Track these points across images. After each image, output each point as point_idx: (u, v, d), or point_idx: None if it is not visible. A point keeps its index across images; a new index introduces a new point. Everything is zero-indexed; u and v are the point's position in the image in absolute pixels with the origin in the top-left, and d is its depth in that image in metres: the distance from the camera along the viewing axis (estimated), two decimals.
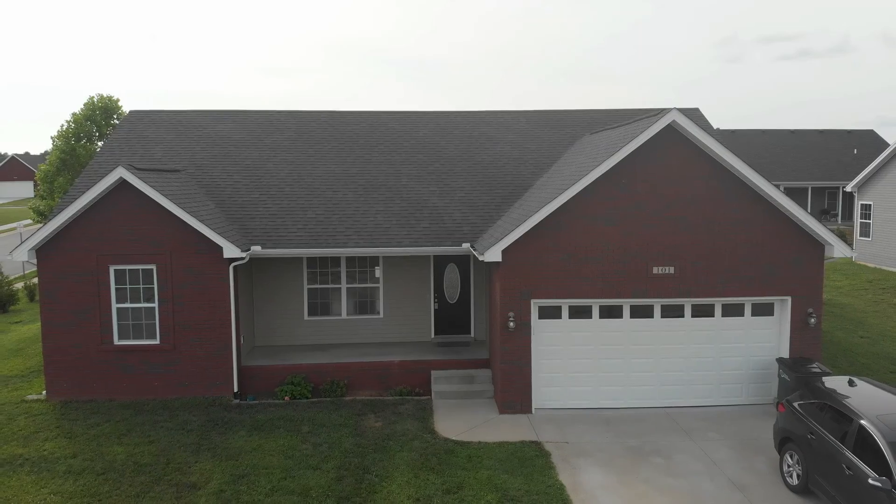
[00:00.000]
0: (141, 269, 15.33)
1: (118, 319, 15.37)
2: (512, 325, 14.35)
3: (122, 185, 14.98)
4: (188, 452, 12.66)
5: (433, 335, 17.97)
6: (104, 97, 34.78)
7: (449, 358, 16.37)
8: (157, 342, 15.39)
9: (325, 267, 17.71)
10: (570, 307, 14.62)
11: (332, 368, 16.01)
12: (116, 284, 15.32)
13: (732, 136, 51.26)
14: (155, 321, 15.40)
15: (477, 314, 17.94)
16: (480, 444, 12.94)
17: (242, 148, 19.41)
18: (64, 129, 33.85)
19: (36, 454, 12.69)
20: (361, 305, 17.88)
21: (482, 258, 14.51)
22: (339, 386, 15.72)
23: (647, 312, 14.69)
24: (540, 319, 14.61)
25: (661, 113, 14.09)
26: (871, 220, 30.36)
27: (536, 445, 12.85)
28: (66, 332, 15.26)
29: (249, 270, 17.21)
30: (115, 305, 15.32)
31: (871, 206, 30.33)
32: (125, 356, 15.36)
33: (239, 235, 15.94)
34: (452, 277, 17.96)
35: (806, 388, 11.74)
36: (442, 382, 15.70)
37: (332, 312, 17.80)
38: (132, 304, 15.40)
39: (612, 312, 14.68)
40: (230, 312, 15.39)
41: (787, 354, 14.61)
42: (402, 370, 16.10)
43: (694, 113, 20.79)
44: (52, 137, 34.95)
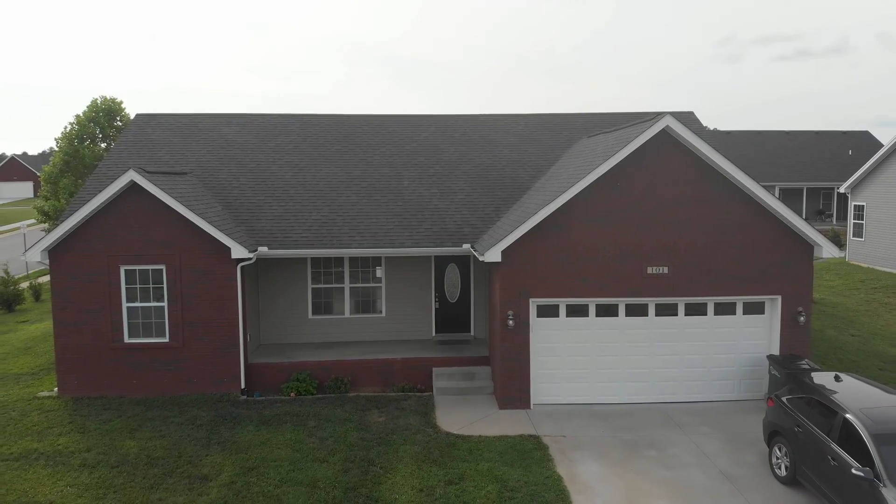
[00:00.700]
0: (151, 269, 15.73)
1: (128, 318, 15.76)
2: (511, 323, 14.76)
3: (132, 187, 15.39)
4: (198, 446, 13.07)
5: (434, 333, 18.38)
6: (107, 99, 35.14)
7: (450, 355, 16.77)
8: (166, 340, 15.79)
9: (328, 267, 18.12)
10: (567, 306, 15.04)
11: (336, 366, 16.42)
12: (127, 284, 15.72)
13: (728, 137, 51.66)
14: (164, 320, 15.80)
15: (477, 313, 18.34)
16: (481, 437, 13.36)
17: (247, 151, 19.82)
18: (68, 130, 34.20)
19: (51, 448, 13.08)
20: (364, 305, 18.30)
21: (482, 258, 14.91)
22: (342, 382, 16.13)
23: (641, 311, 15.12)
24: (538, 318, 15.02)
25: (655, 118, 14.49)
26: (863, 220, 30.77)
27: (535, 439, 13.28)
28: (77, 330, 15.65)
29: (255, 271, 17.62)
30: (125, 304, 15.72)
31: (864, 206, 30.75)
32: (135, 354, 15.76)
33: (246, 236, 16.36)
34: (453, 277, 18.37)
35: (794, 383, 12.19)
36: (443, 379, 16.11)
37: (335, 311, 18.20)
38: (142, 303, 15.80)
39: (608, 311, 15.09)
40: (238, 311, 15.80)
41: (777, 351, 15.04)
42: (404, 367, 16.51)
43: (688, 117, 21.21)
44: (55, 139, 35.33)
